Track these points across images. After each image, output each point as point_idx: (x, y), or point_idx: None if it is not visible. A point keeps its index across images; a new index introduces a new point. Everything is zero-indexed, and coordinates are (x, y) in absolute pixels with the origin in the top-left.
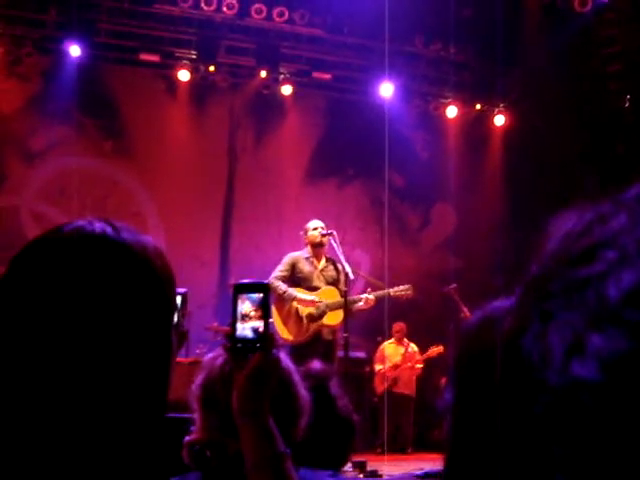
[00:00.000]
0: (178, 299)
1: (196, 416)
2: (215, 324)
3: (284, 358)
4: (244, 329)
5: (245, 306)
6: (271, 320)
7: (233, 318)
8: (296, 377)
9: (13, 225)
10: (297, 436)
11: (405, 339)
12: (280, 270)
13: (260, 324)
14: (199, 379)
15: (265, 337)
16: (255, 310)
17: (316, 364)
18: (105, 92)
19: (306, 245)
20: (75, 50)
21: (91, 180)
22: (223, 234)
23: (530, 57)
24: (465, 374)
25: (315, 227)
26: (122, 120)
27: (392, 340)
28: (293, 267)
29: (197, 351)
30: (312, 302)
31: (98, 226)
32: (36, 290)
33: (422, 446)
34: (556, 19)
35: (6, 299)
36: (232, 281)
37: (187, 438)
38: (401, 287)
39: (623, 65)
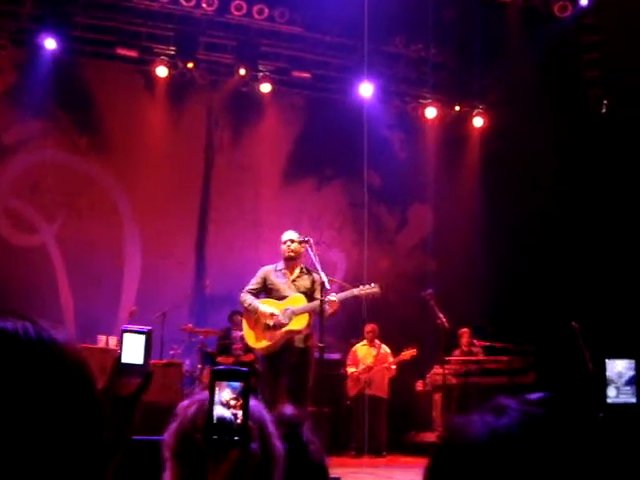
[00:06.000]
0: (142, 338)
1: (167, 464)
2: (190, 325)
3: (259, 407)
4: (223, 418)
5: (225, 394)
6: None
7: (210, 406)
8: (271, 428)
9: None
10: None
11: (377, 340)
12: (252, 284)
13: (239, 414)
14: (172, 427)
15: (244, 430)
16: (236, 399)
17: (288, 409)
18: (81, 86)
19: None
20: (51, 43)
21: (65, 176)
22: (199, 233)
23: (509, 60)
24: None
25: (285, 241)
26: (98, 115)
27: (364, 342)
28: (265, 280)
29: (171, 352)
30: (271, 315)
31: (10, 325)
32: None
33: (397, 449)
34: (536, 23)
35: None
36: (208, 282)
37: None
38: (367, 286)
39: (601, 71)
